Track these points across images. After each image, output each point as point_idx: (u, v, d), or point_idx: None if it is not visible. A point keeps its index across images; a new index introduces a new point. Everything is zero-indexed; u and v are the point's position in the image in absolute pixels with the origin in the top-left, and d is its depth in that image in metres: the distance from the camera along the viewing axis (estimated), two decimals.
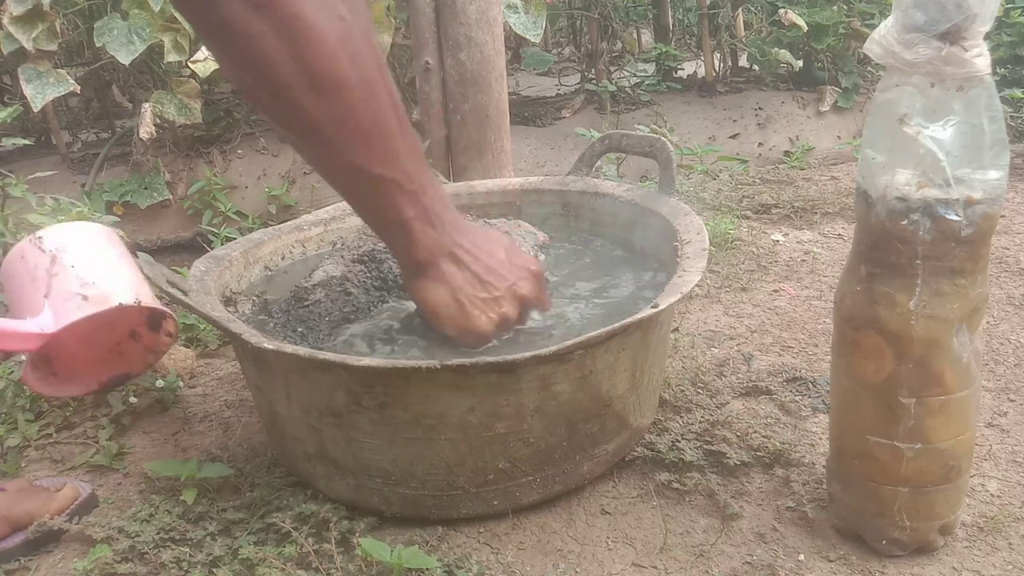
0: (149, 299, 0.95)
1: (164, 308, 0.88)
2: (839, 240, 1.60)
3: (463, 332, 0.76)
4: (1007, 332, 1.15)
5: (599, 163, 1.25)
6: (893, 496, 0.69)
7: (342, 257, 1.00)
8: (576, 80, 2.75)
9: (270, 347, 0.71)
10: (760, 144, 2.37)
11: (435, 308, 0.76)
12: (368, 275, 0.96)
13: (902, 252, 0.63)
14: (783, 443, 0.88)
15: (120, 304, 0.81)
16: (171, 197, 1.92)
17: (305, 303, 0.91)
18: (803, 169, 2.17)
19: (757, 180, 2.02)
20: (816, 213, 1.75)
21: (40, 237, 0.93)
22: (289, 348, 0.72)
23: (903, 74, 0.60)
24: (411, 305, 0.87)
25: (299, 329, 0.87)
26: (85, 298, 0.90)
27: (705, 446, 0.88)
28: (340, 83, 0.62)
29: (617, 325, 0.71)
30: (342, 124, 0.64)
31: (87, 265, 0.93)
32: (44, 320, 0.89)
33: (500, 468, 0.75)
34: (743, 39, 2.56)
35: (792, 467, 0.85)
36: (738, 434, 0.90)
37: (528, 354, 0.69)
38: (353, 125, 0.64)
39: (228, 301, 0.94)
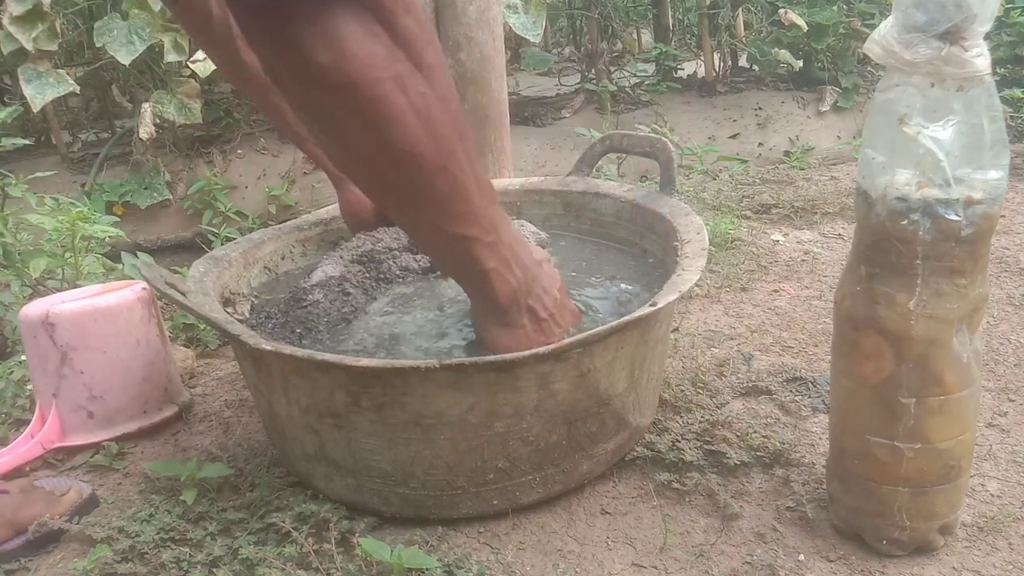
0: (155, 404, 1.03)
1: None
2: (839, 240, 1.60)
3: None
4: (1007, 332, 1.15)
5: (599, 163, 1.24)
6: (893, 496, 0.69)
7: (341, 258, 1.00)
8: (576, 80, 2.75)
9: (268, 348, 0.71)
10: (760, 144, 2.37)
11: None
12: (367, 275, 0.96)
13: (902, 252, 0.63)
14: (783, 443, 0.88)
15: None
16: (171, 197, 1.92)
17: (303, 304, 0.91)
18: (803, 169, 2.17)
19: (757, 180, 2.02)
20: (816, 213, 1.75)
21: (53, 324, 0.95)
22: (288, 349, 0.72)
23: (903, 74, 0.60)
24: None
25: (297, 330, 0.87)
26: (91, 415, 0.96)
27: (705, 446, 0.88)
28: (419, 158, 0.63)
29: (615, 323, 0.71)
30: (421, 192, 0.66)
31: (97, 373, 0.96)
32: (48, 435, 0.98)
33: (499, 467, 0.75)
34: (743, 39, 2.56)
35: (792, 467, 0.85)
36: (738, 434, 0.90)
37: (526, 353, 0.69)
38: (431, 191, 0.66)
39: (227, 302, 0.94)
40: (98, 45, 1.70)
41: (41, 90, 1.70)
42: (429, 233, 0.71)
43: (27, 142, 1.71)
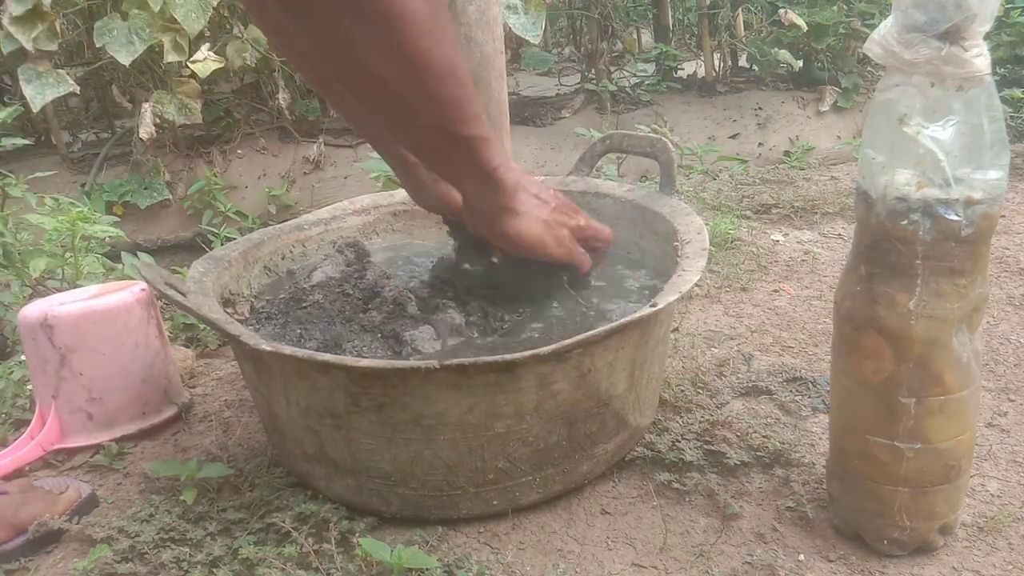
0: (154, 405, 1.03)
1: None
2: (839, 240, 1.60)
3: (559, 247, 0.82)
4: (1007, 332, 1.15)
5: (599, 163, 1.24)
6: (893, 496, 0.69)
7: (343, 257, 1.00)
8: (576, 80, 2.75)
9: (268, 349, 0.71)
10: (760, 144, 2.37)
11: (531, 238, 0.81)
12: (371, 276, 0.96)
13: (902, 252, 0.63)
14: (783, 443, 0.88)
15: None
16: (171, 197, 1.92)
17: (304, 304, 0.91)
18: (803, 169, 2.17)
19: (757, 180, 2.02)
20: (816, 213, 1.75)
21: (52, 326, 0.94)
22: (287, 349, 0.71)
23: (903, 74, 0.60)
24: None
25: (297, 330, 0.87)
26: (90, 416, 0.96)
27: (705, 446, 0.88)
28: (430, 59, 0.65)
29: (615, 324, 0.71)
30: (432, 96, 0.68)
31: (97, 374, 0.96)
32: (48, 436, 0.97)
33: (499, 468, 0.75)
34: (743, 39, 2.56)
35: (792, 467, 0.85)
36: (738, 434, 0.90)
37: (527, 353, 0.68)
38: (442, 96, 0.68)
39: (227, 302, 0.94)
40: (98, 45, 1.70)
41: (41, 90, 1.70)
42: (437, 138, 0.73)
43: (27, 142, 1.71)
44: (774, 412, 0.97)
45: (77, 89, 1.78)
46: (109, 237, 1.33)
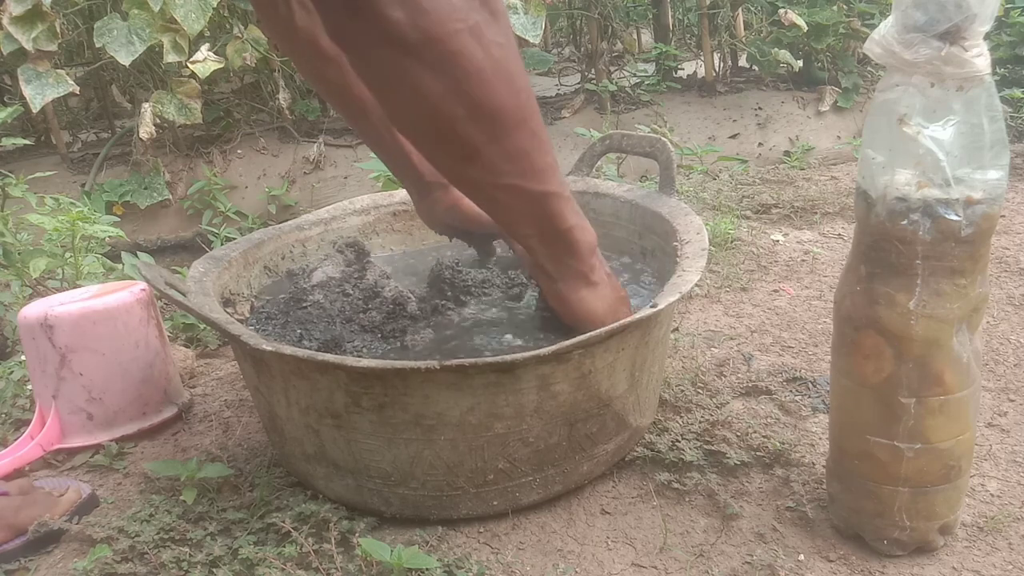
0: (154, 405, 1.03)
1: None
2: (839, 240, 1.60)
3: None
4: (1007, 332, 1.15)
5: (599, 163, 1.24)
6: (893, 496, 0.69)
7: (343, 258, 1.00)
8: (576, 80, 2.75)
9: (269, 348, 0.70)
10: (760, 144, 2.37)
11: (595, 316, 0.77)
12: (372, 277, 0.96)
13: (902, 252, 0.63)
14: (783, 443, 0.88)
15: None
16: (171, 197, 1.93)
17: (304, 304, 0.91)
18: (803, 169, 2.17)
19: (757, 180, 2.02)
20: (816, 213, 1.75)
21: (51, 326, 0.94)
22: (288, 349, 0.71)
23: (903, 74, 0.60)
24: None
25: (298, 330, 0.87)
26: (90, 416, 0.96)
27: (705, 446, 0.88)
28: (500, 113, 0.61)
29: (615, 325, 0.71)
30: (502, 147, 0.63)
31: (96, 374, 0.96)
32: (48, 436, 0.97)
33: (500, 468, 0.75)
34: (743, 39, 2.56)
35: (792, 467, 0.85)
36: (738, 434, 0.90)
37: (527, 354, 0.68)
38: (513, 147, 0.64)
39: (227, 302, 0.94)
40: (98, 45, 1.70)
41: (41, 90, 1.71)
42: (509, 196, 0.68)
43: (27, 142, 1.71)
44: (774, 412, 0.97)
45: (77, 89, 1.78)
46: (109, 237, 1.33)
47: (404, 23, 0.54)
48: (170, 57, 1.72)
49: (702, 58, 2.59)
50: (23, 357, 1.09)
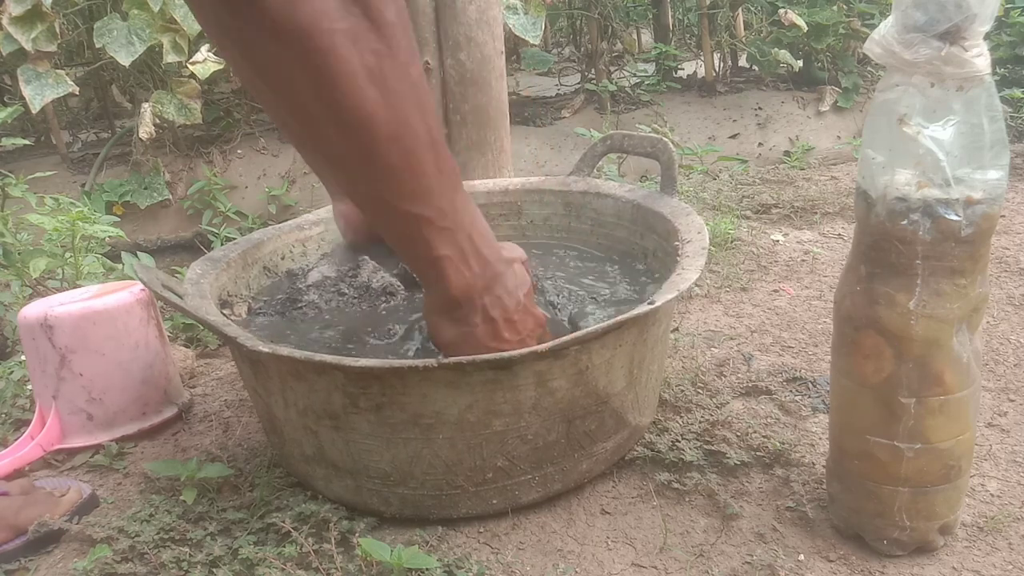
0: (154, 405, 1.03)
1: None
2: (839, 240, 1.60)
3: None
4: (1007, 332, 1.15)
5: (600, 163, 1.24)
6: (893, 496, 0.69)
7: (339, 257, 1.00)
8: (576, 80, 2.75)
9: (266, 350, 0.70)
10: (760, 144, 2.37)
11: (446, 347, 0.75)
12: (364, 275, 0.96)
13: (902, 252, 0.63)
14: (783, 443, 0.88)
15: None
16: (171, 197, 1.93)
17: (299, 305, 0.91)
18: (803, 169, 2.17)
19: (757, 180, 2.02)
20: (816, 213, 1.75)
21: (51, 327, 0.94)
22: (284, 351, 0.71)
23: (903, 74, 0.60)
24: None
25: (296, 331, 0.87)
26: (90, 417, 0.96)
27: (705, 446, 0.88)
28: (369, 122, 0.58)
29: (612, 322, 0.71)
30: (369, 160, 0.61)
31: (96, 375, 0.96)
32: (48, 437, 0.98)
33: (498, 466, 0.75)
34: (743, 39, 2.56)
35: (792, 467, 0.85)
36: (738, 434, 0.90)
37: (524, 350, 0.68)
38: (381, 162, 0.61)
39: (225, 303, 0.94)
40: (98, 46, 1.70)
41: (40, 91, 1.71)
42: (378, 207, 0.65)
43: (27, 142, 1.71)
44: (774, 412, 0.97)
45: (76, 90, 1.78)
46: (109, 237, 1.34)
47: (277, 10, 0.53)
48: (170, 57, 1.72)
49: (702, 58, 2.59)
50: (23, 357, 1.09)
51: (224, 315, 0.86)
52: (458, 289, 0.69)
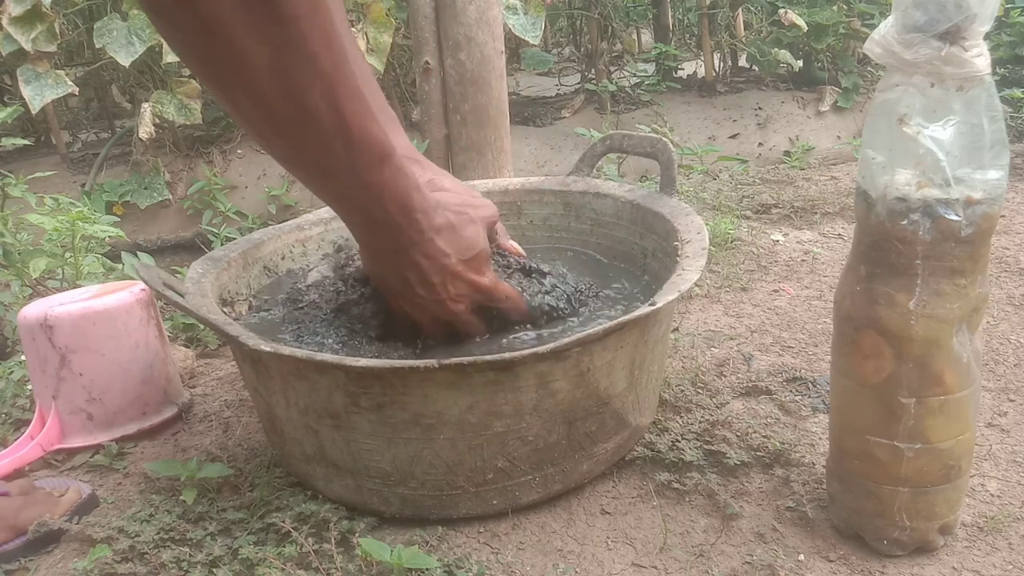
0: (154, 405, 1.03)
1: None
2: (839, 240, 1.60)
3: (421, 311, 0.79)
4: (1007, 332, 1.15)
5: (600, 163, 1.24)
6: (893, 496, 0.69)
7: (342, 257, 1.00)
8: (576, 80, 2.76)
9: (267, 349, 0.70)
10: (760, 144, 2.37)
11: (381, 289, 0.80)
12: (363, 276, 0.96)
13: (902, 252, 0.63)
14: (783, 443, 0.88)
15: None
16: (171, 197, 1.93)
17: (300, 305, 0.91)
18: (803, 169, 2.17)
19: (757, 180, 2.02)
20: (816, 213, 1.75)
21: (51, 327, 0.94)
22: (286, 350, 0.71)
23: (903, 74, 0.60)
24: None
25: (295, 330, 0.87)
26: (90, 417, 0.96)
27: (705, 446, 0.88)
28: (268, 108, 0.61)
29: (614, 323, 0.71)
30: (276, 139, 0.65)
31: (96, 375, 0.96)
32: (48, 437, 0.97)
33: (499, 467, 0.75)
34: (743, 39, 2.56)
35: (792, 467, 0.85)
36: (738, 434, 0.90)
37: (526, 352, 0.69)
38: (286, 143, 0.66)
39: (226, 303, 0.94)
40: (98, 46, 1.70)
41: (40, 91, 1.71)
42: (300, 176, 0.71)
43: (27, 142, 1.71)
44: (774, 412, 0.97)
45: (76, 90, 1.78)
46: (109, 237, 1.33)
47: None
48: (170, 57, 1.72)
49: (702, 58, 2.59)
50: (23, 357, 1.09)
51: (224, 313, 0.86)
52: (372, 241, 0.74)
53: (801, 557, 0.73)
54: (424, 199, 0.72)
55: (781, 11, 2.24)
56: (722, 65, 2.65)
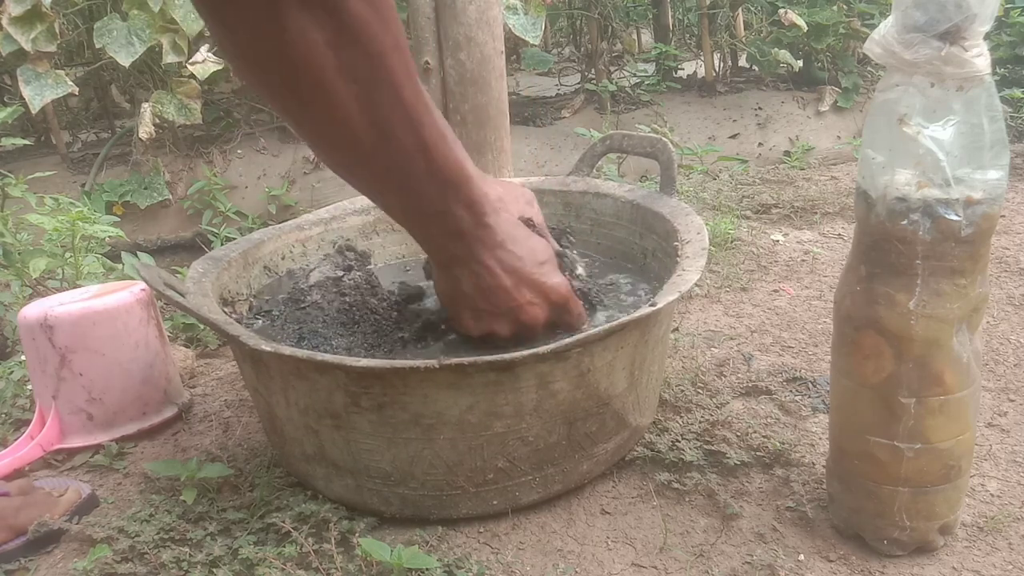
0: (154, 405, 1.02)
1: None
2: (839, 240, 1.60)
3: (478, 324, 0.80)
4: (1007, 332, 1.15)
5: (600, 163, 1.24)
6: (893, 496, 0.69)
7: (343, 257, 1.00)
8: (576, 80, 2.76)
9: (268, 349, 0.70)
10: (760, 144, 2.37)
11: (442, 299, 0.82)
12: (363, 276, 0.96)
13: (902, 252, 0.63)
14: (783, 443, 0.88)
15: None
16: (171, 197, 1.93)
17: (302, 305, 0.91)
18: (803, 169, 2.17)
19: (757, 180, 2.02)
20: (816, 213, 1.75)
21: (51, 327, 0.94)
22: (287, 350, 0.71)
23: (903, 74, 0.60)
24: None
25: (296, 329, 0.87)
26: (90, 417, 0.96)
27: (705, 446, 0.88)
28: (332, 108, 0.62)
29: (615, 323, 0.71)
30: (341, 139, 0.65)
31: (96, 375, 0.96)
32: (48, 437, 0.97)
33: (499, 467, 0.75)
34: (743, 39, 2.56)
35: (792, 467, 0.85)
36: (738, 434, 0.90)
37: (526, 352, 0.68)
38: (356, 141, 0.65)
39: (226, 302, 0.94)
40: (98, 46, 1.70)
41: (40, 91, 1.71)
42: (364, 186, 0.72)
43: (27, 142, 1.71)
44: (774, 412, 0.97)
45: (76, 90, 1.78)
46: (109, 237, 1.33)
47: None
48: (170, 58, 1.72)
49: (702, 58, 2.59)
50: (23, 357, 1.09)
51: (225, 312, 0.86)
52: (446, 250, 0.75)
53: (801, 557, 0.73)
54: (492, 206, 0.75)
55: (781, 11, 2.24)
56: (722, 65, 2.65)
